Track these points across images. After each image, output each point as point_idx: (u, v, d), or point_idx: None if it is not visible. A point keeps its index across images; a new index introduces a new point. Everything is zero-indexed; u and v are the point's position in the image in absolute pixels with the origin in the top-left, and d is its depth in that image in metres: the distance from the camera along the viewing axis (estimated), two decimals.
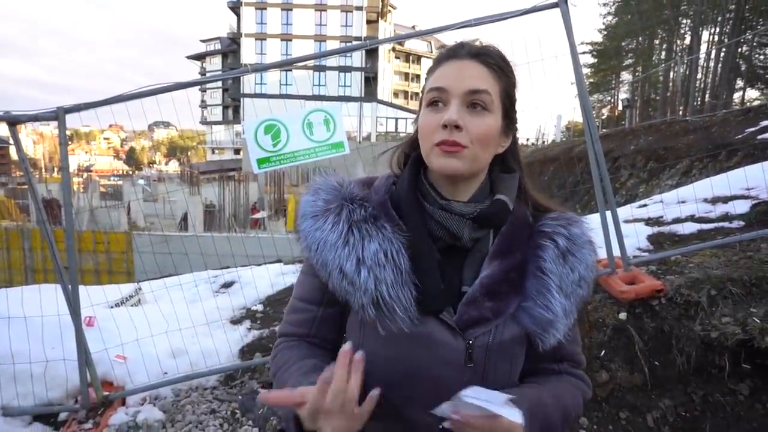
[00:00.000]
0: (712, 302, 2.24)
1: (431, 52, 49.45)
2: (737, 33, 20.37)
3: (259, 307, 3.71)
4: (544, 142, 21.61)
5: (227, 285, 4.27)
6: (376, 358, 0.71)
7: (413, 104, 46.41)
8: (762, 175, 3.70)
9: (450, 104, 0.70)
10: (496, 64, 0.73)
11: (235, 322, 3.52)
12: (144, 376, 2.74)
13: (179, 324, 2.98)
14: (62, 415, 2.56)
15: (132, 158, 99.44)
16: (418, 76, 49.59)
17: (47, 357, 2.63)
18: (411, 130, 0.83)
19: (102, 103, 2.46)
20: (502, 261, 0.74)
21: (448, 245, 0.74)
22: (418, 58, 49.48)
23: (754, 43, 21.39)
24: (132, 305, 3.86)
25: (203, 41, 50.18)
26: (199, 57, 49.05)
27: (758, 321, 2.02)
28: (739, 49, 21.45)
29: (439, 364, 0.71)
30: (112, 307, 3.59)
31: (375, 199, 0.76)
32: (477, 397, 0.63)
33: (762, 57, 22.41)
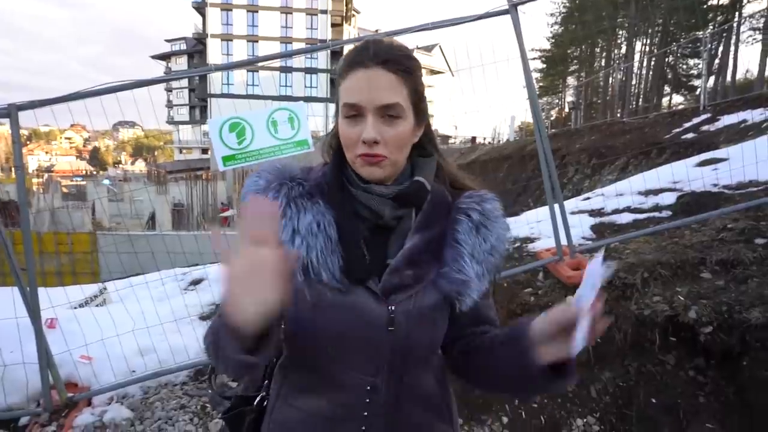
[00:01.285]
0: (645, 284, 2.38)
1: None
2: (664, 45, 21.71)
3: None
4: (499, 141, 22.20)
5: (196, 282, 4.12)
6: (308, 325, 0.75)
7: None
8: (685, 171, 3.97)
9: (366, 118, 0.72)
10: (402, 67, 0.74)
11: (205, 318, 3.40)
12: (110, 375, 2.59)
13: (146, 322, 2.85)
14: (23, 420, 2.39)
15: (96, 158, 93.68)
16: None
17: (5, 361, 2.44)
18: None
19: (58, 100, 2.30)
20: (423, 234, 0.78)
21: (374, 224, 0.78)
22: None
23: (678, 54, 22.88)
24: (97, 305, 3.65)
25: (168, 41, 47.85)
26: (164, 57, 46.77)
27: (682, 298, 2.17)
28: (666, 59, 22.89)
29: (364, 328, 0.74)
30: (75, 308, 3.38)
31: (311, 179, 0.80)
32: (584, 294, 0.66)
33: (685, 66, 24.05)
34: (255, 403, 0.88)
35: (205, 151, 40.12)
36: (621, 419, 2.02)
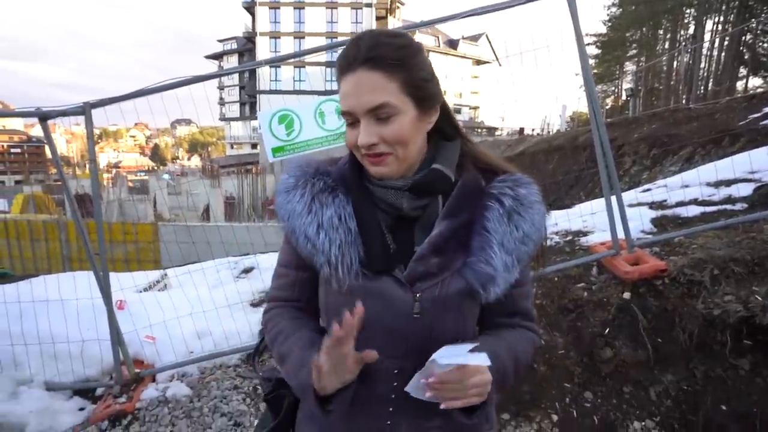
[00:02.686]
0: (714, 281, 2.19)
1: (438, 46, 48.74)
2: (741, 21, 19.64)
3: None
4: (549, 132, 21.25)
5: (247, 270, 4.32)
6: (337, 311, 0.76)
7: None
8: (766, 159, 3.59)
9: (361, 123, 0.72)
10: (388, 61, 0.70)
11: (255, 304, 3.56)
12: (171, 355, 2.80)
13: (203, 307, 3.03)
14: (99, 390, 2.63)
15: (157, 154, 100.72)
16: None
17: (83, 337, 2.70)
18: None
19: (125, 97, 2.47)
20: (451, 221, 0.77)
21: (399, 215, 0.79)
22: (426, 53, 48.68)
23: (758, 31, 20.59)
24: (159, 290, 3.93)
25: (220, 41, 50.14)
26: (217, 56, 49.08)
27: (760, 299, 1.97)
28: (743, 38, 20.69)
29: (390, 315, 0.76)
30: (140, 291, 3.67)
31: (335, 173, 0.82)
32: (444, 356, 0.68)
33: (765, 45, 21.58)
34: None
35: (254, 146, 41.84)
36: (684, 425, 1.88)
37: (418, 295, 0.74)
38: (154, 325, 2.88)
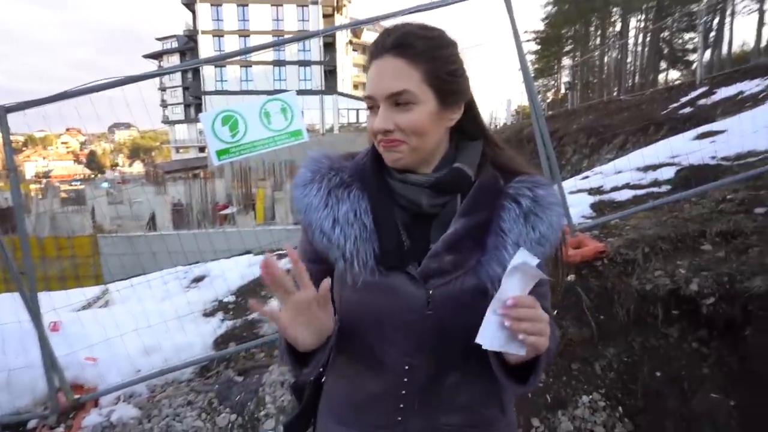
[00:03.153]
0: (646, 259, 2.37)
1: None
2: (659, 20, 21.43)
3: (231, 299, 3.60)
4: (496, 126, 22.06)
5: (197, 280, 4.12)
6: (351, 305, 0.79)
7: None
8: (683, 145, 3.94)
9: (380, 108, 0.74)
10: (416, 50, 0.72)
11: (208, 314, 3.40)
12: (116, 375, 2.60)
13: (149, 321, 2.85)
14: (32, 423, 2.40)
15: (93, 161, 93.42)
16: None
17: (10, 366, 2.45)
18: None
19: (47, 100, 2.26)
20: (467, 220, 0.77)
21: (417, 212, 0.79)
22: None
23: (674, 29, 22.57)
24: (99, 307, 3.65)
25: (159, 39, 47.33)
26: (156, 56, 46.27)
27: (683, 271, 2.16)
28: (662, 35, 22.59)
29: (403, 311, 0.76)
30: (78, 310, 3.39)
31: (351, 168, 0.82)
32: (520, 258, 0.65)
33: (680, 41, 23.72)
34: (313, 379, 0.93)
35: (202, 149, 39.91)
36: (626, 394, 2.02)
37: (431, 291, 0.75)
38: (95, 345, 2.67)
